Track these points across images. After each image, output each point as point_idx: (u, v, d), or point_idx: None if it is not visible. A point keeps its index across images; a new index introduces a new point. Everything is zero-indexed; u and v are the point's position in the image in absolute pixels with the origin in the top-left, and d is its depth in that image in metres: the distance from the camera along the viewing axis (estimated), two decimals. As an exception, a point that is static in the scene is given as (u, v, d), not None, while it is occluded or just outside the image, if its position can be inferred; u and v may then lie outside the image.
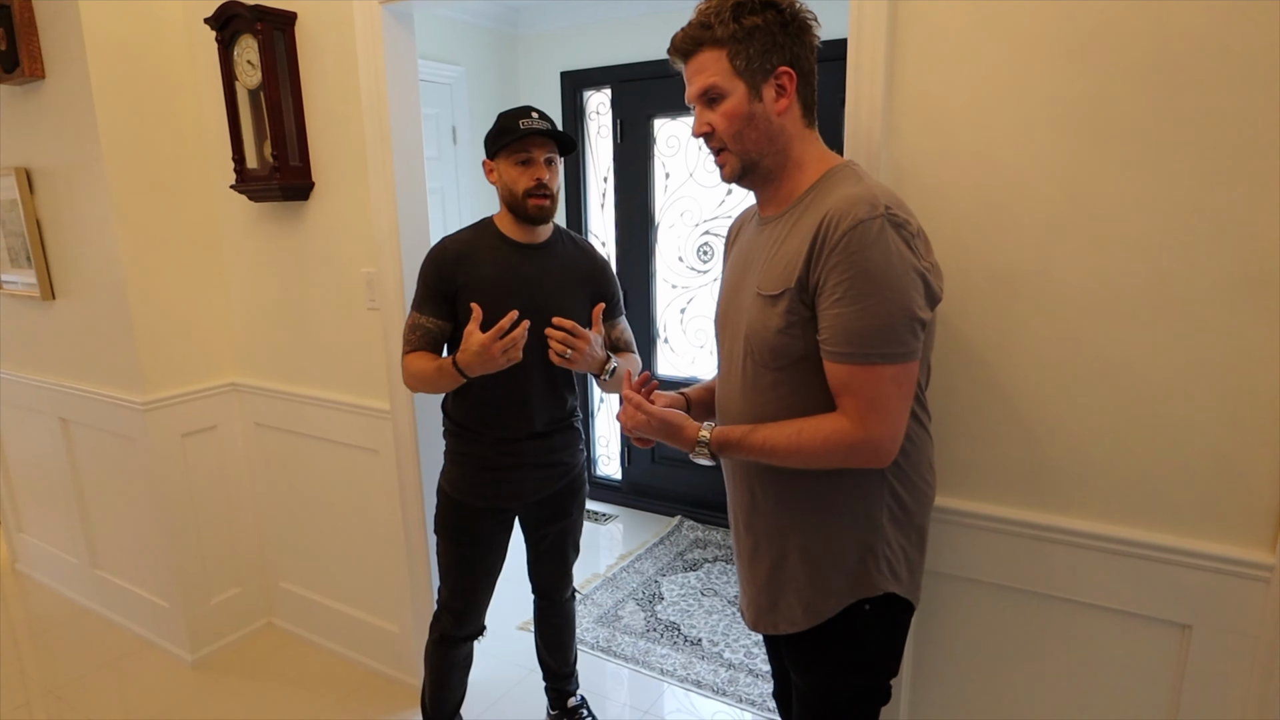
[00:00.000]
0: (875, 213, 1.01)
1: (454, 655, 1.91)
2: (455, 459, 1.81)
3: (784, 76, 1.10)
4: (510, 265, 1.70)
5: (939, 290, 1.09)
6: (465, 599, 1.85)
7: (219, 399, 2.51)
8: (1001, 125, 1.25)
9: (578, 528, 1.98)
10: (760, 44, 1.08)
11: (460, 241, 1.72)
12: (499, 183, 1.69)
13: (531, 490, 1.81)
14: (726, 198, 3.25)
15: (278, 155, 2.09)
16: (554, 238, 1.77)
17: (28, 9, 2.21)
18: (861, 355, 1.03)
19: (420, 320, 1.71)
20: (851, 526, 1.15)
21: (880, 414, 1.04)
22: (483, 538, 1.82)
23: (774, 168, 1.15)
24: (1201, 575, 1.22)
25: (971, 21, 1.24)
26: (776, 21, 1.09)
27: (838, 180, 1.11)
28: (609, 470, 3.89)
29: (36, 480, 2.95)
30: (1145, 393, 1.22)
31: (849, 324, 1.02)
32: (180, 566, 2.47)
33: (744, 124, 1.11)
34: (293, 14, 2.06)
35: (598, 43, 3.34)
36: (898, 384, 1.05)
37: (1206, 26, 1.09)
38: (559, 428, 1.82)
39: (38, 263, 2.51)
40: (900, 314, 1.02)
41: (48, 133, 2.35)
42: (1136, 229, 1.18)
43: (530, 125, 1.62)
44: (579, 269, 1.79)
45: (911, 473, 1.17)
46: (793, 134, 1.13)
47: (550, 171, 1.67)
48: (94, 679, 2.49)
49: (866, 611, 1.17)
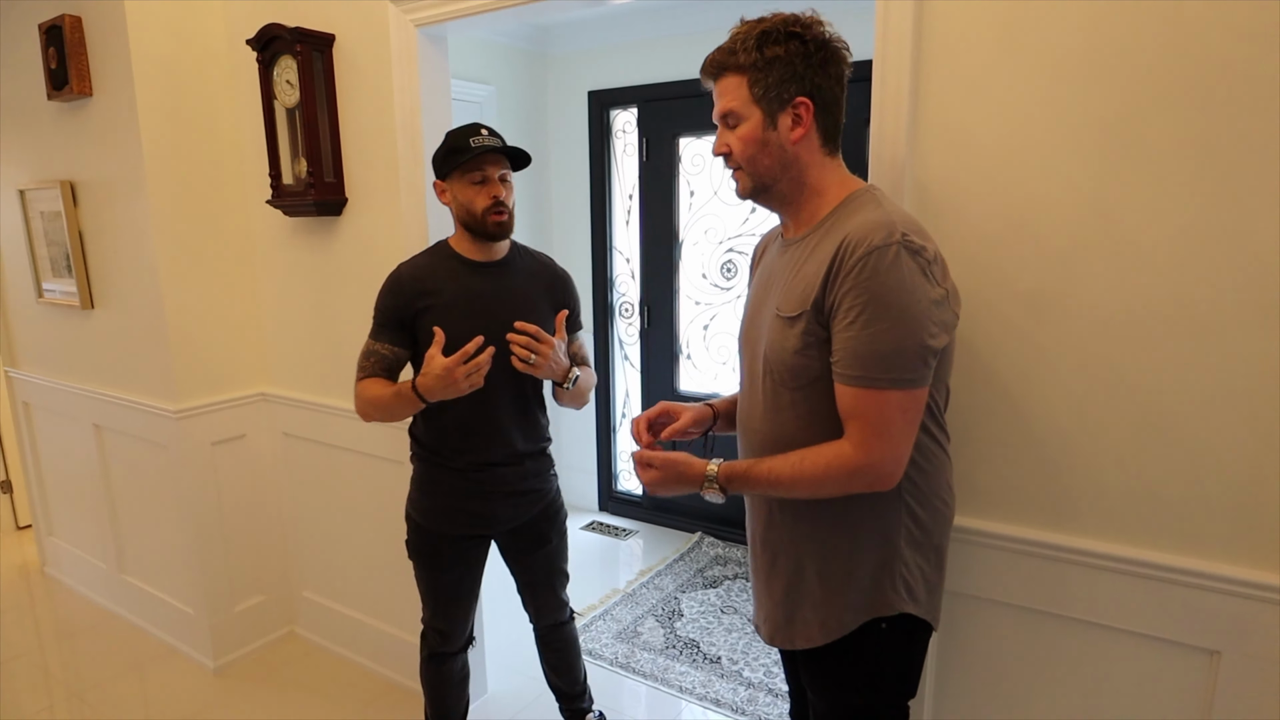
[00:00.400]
0: (891, 239, 1.02)
1: (447, 670, 1.90)
2: (423, 487, 1.77)
3: (801, 107, 1.12)
4: (470, 286, 1.67)
5: (954, 315, 1.10)
6: (448, 619, 1.84)
7: (248, 408, 2.56)
8: (1026, 147, 1.26)
9: (562, 554, 1.93)
10: (779, 74, 1.11)
11: (416, 266, 1.69)
12: (453, 203, 1.66)
13: (504, 519, 1.77)
14: (750, 216, 3.27)
15: (313, 171, 2.15)
16: (511, 254, 1.74)
17: (78, 30, 2.30)
18: (869, 379, 1.04)
19: (375, 347, 1.68)
20: (868, 545, 1.15)
21: (883, 439, 1.05)
22: (458, 562, 1.79)
23: (788, 192, 1.18)
24: (1230, 600, 1.20)
25: (996, 45, 1.25)
26: (799, 53, 1.11)
27: (858, 205, 1.12)
28: (629, 485, 3.89)
29: (68, 485, 3.02)
30: (1167, 415, 1.21)
31: (859, 347, 1.04)
32: (206, 573, 2.50)
33: (757, 149, 1.15)
34: (331, 36, 2.12)
35: (624, 63, 3.39)
36: (903, 410, 1.06)
37: (1232, 50, 1.09)
38: (531, 453, 1.78)
39: (78, 272, 2.58)
40: (910, 341, 1.03)
41: (92, 148, 2.43)
42: (1160, 252, 1.18)
43: (482, 142, 1.60)
44: (539, 283, 1.76)
45: (929, 493, 1.17)
46: (808, 162, 1.15)
47: (506, 188, 1.64)
48: (117, 683, 2.52)
49: (883, 630, 1.17)
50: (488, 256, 1.70)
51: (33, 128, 2.65)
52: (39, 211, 2.70)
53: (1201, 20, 1.11)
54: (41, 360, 2.96)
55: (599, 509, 3.92)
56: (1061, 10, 1.20)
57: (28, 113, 2.65)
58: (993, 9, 1.25)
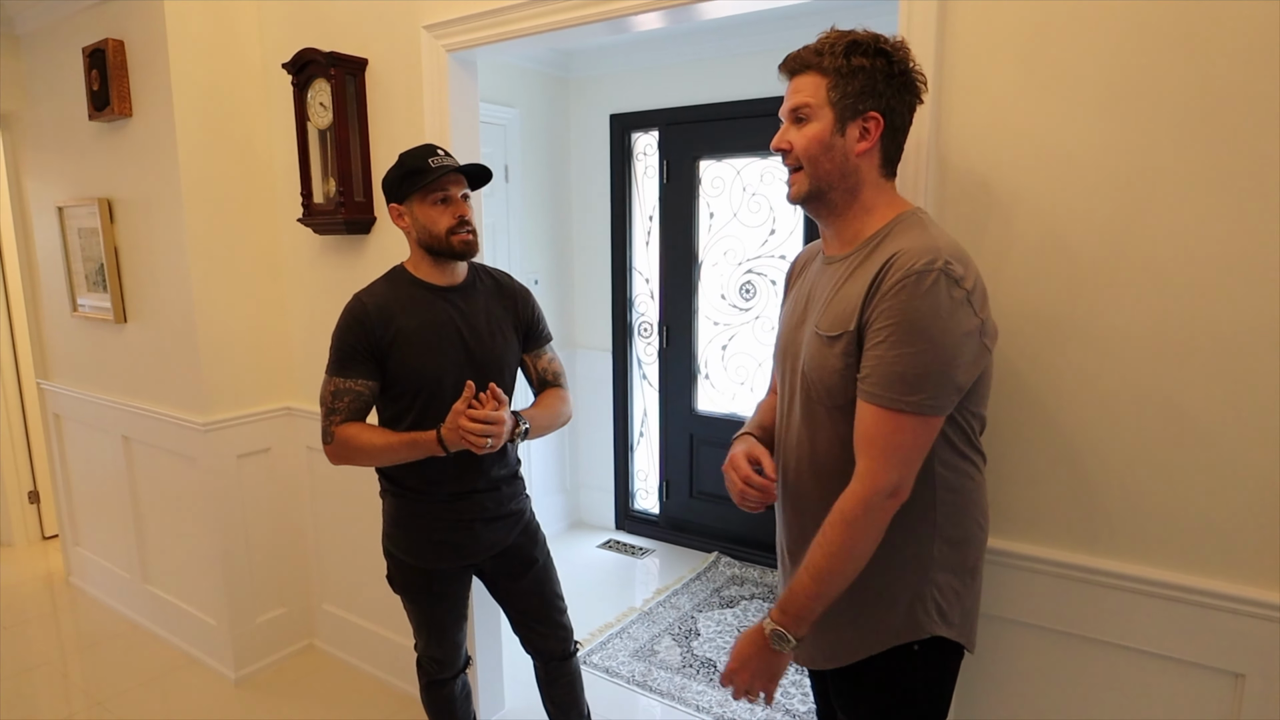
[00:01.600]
0: (934, 265, 1.02)
1: (448, 693, 1.88)
2: (399, 524, 1.72)
3: (871, 121, 1.12)
4: (435, 312, 1.62)
5: (987, 349, 1.09)
6: (444, 648, 1.82)
7: (274, 422, 2.60)
8: (1048, 172, 1.28)
9: (552, 574, 1.86)
10: (860, 84, 1.11)
11: (378, 295, 1.62)
12: (412, 226, 1.61)
13: (486, 545, 1.73)
14: (769, 237, 3.30)
15: (343, 191, 2.20)
16: (471, 276, 1.70)
17: (121, 53, 2.38)
18: (889, 399, 1.04)
19: (346, 385, 1.59)
20: (900, 567, 1.15)
21: (891, 459, 1.06)
22: (446, 593, 1.76)
23: (839, 203, 1.17)
24: (1255, 623, 1.20)
25: (1018, 73, 1.28)
26: (883, 70, 1.11)
27: (905, 227, 1.12)
28: (647, 505, 3.90)
29: (96, 496, 3.07)
30: (1194, 436, 1.22)
31: (885, 368, 1.04)
32: (229, 585, 2.53)
33: (820, 150, 1.13)
34: (364, 60, 2.18)
35: (646, 87, 3.45)
36: (915, 435, 1.06)
37: (1246, 74, 1.11)
38: (505, 477, 1.74)
39: (113, 287, 2.65)
40: (936, 369, 1.03)
41: (131, 166, 2.50)
42: (1183, 273, 1.19)
43: (441, 162, 1.57)
44: (502, 303, 1.72)
45: (964, 515, 1.16)
46: (866, 178, 1.15)
47: (469, 207, 1.61)
48: (138, 693, 2.55)
49: (915, 653, 1.16)
50: (449, 280, 1.65)
51: (73, 146, 2.73)
52: (76, 228, 2.77)
53: (1221, 50, 1.13)
54: (74, 373, 3.03)
55: (616, 528, 3.92)
56: (1083, 40, 1.22)
57: (68, 132, 2.73)
58: (1014, 38, 1.28)
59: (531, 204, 3.55)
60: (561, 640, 1.87)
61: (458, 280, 1.67)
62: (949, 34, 1.33)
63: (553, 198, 3.67)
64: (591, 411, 3.87)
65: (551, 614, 1.85)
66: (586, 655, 2.71)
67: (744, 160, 3.30)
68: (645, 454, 3.88)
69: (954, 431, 1.13)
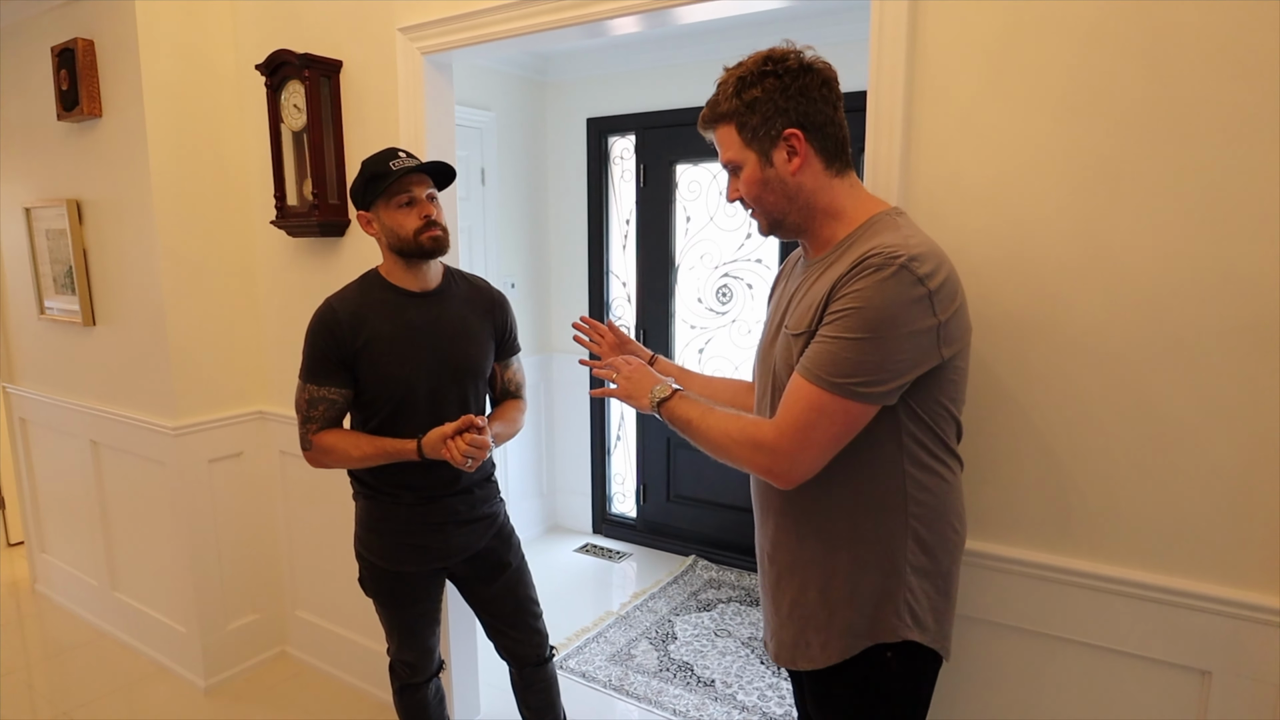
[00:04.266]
0: (894, 259, 1.02)
1: (422, 697, 1.87)
2: (371, 527, 1.72)
3: (792, 139, 1.13)
4: (408, 318, 1.61)
5: (938, 353, 1.07)
6: (416, 651, 1.81)
7: (246, 426, 2.57)
8: (1015, 178, 1.30)
9: (526, 578, 1.85)
10: (762, 113, 1.13)
11: (349, 301, 1.61)
12: (380, 231, 1.61)
13: (458, 548, 1.73)
14: (746, 241, 3.32)
15: (317, 193, 2.18)
16: (446, 281, 1.70)
17: (90, 52, 2.35)
18: (812, 374, 1.06)
19: (321, 393, 1.59)
20: (873, 569, 1.15)
21: (798, 434, 1.07)
22: (418, 596, 1.76)
23: (801, 221, 1.19)
24: (1221, 621, 1.23)
25: (985, 81, 1.30)
26: (776, 88, 1.12)
27: (879, 228, 1.13)
28: (624, 508, 3.90)
29: (63, 501, 3.01)
30: (1161, 438, 1.25)
31: (823, 345, 1.06)
32: (199, 591, 2.50)
33: (760, 189, 1.17)
34: (339, 62, 2.17)
35: (623, 91, 3.47)
36: (830, 419, 1.06)
37: (1213, 85, 1.14)
38: (479, 481, 1.75)
39: (81, 290, 2.60)
40: (872, 359, 1.03)
41: (100, 167, 2.46)
42: (1147, 279, 1.22)
43: (402, 164, 1.56)
44: (477, 308, 1.72)
45: (937, 519, 1.16)
46: (814, 187, 1.16)
47: (435, 206, 1.60)
48: (106, 702, 2.50)
49: (888, 658, 1.17)
50: (423, 285, 1.65)
51: (41, 147, 2.69)
52: (44, 229, 2.72)
53: (1183, 58, 1.16)
54: (40, 377, 2.97)
55: (593, 531, 3.91)
56: (1047, 48, 1.25)
57: (36, 132, 2.69)
58: (981, 46, 1.30)
59: (508, 207, 3.54)
60: (536, 646, 1.86)
61: (430, 286, 1.67)
62: (919, 38, 1.35)
63: (529, 201, 3.67)
64: (568, 415, 3.86)
65: (525, 619, 1.84)
66: (563, 660, 2.70)
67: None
68: (622, 458, 3.88)
69: (923, 432, 1.13)
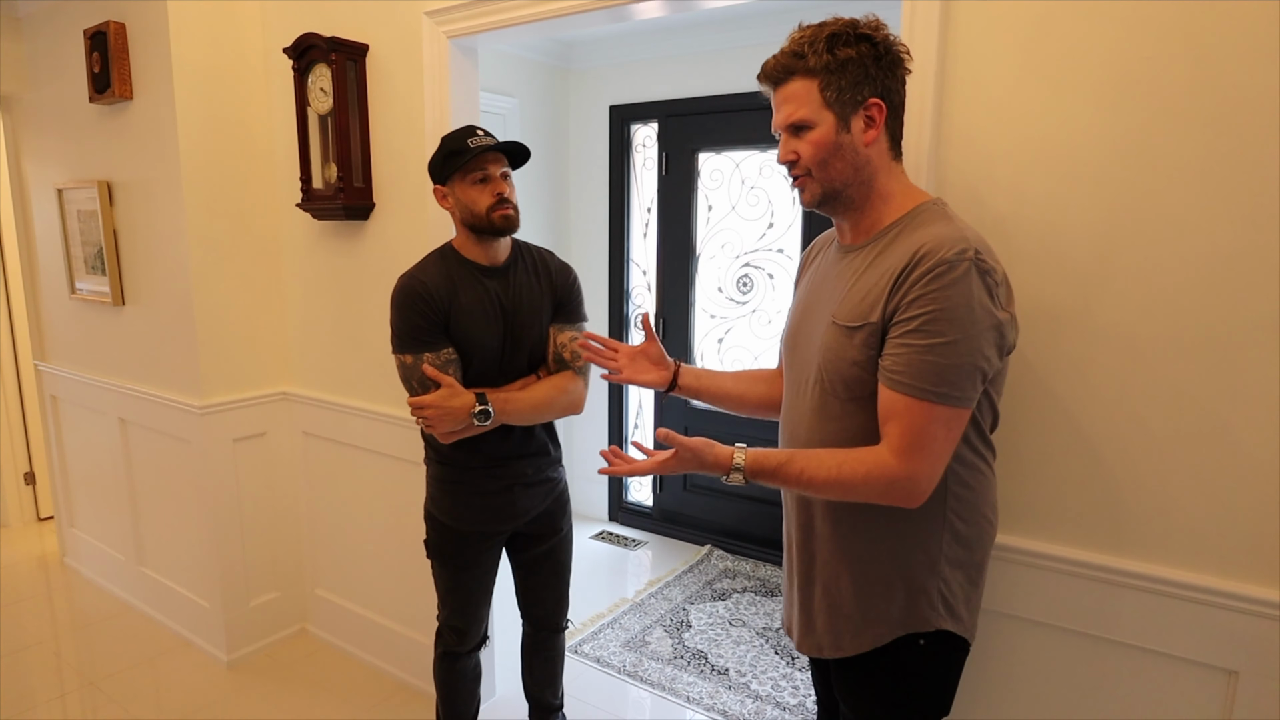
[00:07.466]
0: (964, 255, 1.01)
1: (461, 668, 1.91)
2: (444, 487, 1.78)
3: (874, 108, 1.10)
4: (484, 292, 1.68)
5: (1013, 342, 1.10)
6: (466, 618, 1.86)
7: (270, 407, 2.61)
8: (1048, 170, 1.28)
9: (570, 544, 1.95)
10: (852, 76, 1.08)
11: (434, 273, 1.67)
12: (455, 207, 1.66)
13: (523, 510, 1.80)
14: (767, 231, 3.31)
15: (343, 176, 2.20)
16: (514, 256, 1.75)
17: (122, 36, 2.38)
18: (920, 390, 1.03)
19: (446, 355, 1.64)
20: (908, 559, 1.15)
21: (924, 452, 1.04)
22: (478, 560, 1.82)
23: (857, 198, 1.15)
24: (1249, 620, 1.21)
25: (1018, 68, 1.29)
26: (870, 54, 1.09)
27: (928, 217, 1.11)
28: (640, 497, 3.91)
29: (91, 478, 3.08)
30: (1192, 433, 1.22)
31: (916, 357, 1.03)
32: (223, 568, 2.54)
33: (830, 154, 1.11)
34: (365, 45, 2.18)
35: (646, 79, 3.45)
36: (947, 427, 1.05)
37: (1246, 71, 1.12)
38: (538, 450, 1.81)
39: (111, 270, 2.65)
40: (967, 360, 1.02)
41: (130, 149, 2.50)
42: (1185, 267, 1.20)
43: (480, 142, 1.61)
44: (544, 282, 1.77)
45: (973, 510, 1.16)
46: (878, 166, 1.13)
47: (509, 185, 1.65)
48: (131, 674, 2.56)
49: (921, 647, 1.16)
50: (493, 260, 1.71)
51: (73, 129, 2.73)
52: (75, 210, 2.77)
53: (1228, 44, 1.13)
54: (71, 355, 3.03)
55: (609, 519, 3.93)
56: (1084, 36, 1.23)
57: (69, 114, 2.73)
58: (1015, 33, 1.28)
59: (529, 194, 3.54)
60: (558, 610, 1.96)
61: (500, 260, 1.72)
62: (951, 30, 1.34)
63: (551, 188, 3.67)
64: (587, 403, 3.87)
65: (558, 583, 1.94)
66: (578, 645, 2.72)
67: (743, 153, 3.31)
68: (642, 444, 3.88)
69: (969, 425, 1.12)
